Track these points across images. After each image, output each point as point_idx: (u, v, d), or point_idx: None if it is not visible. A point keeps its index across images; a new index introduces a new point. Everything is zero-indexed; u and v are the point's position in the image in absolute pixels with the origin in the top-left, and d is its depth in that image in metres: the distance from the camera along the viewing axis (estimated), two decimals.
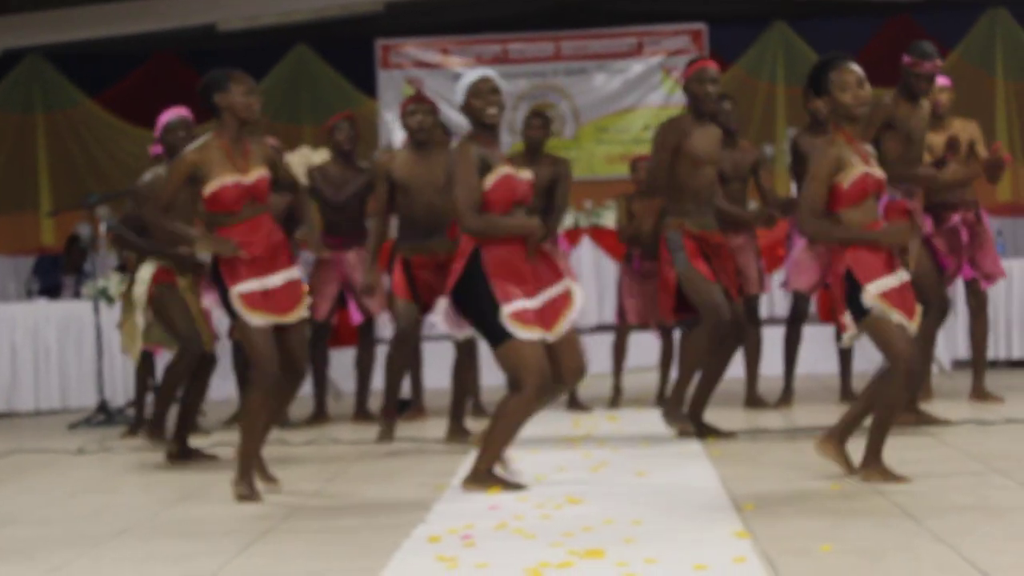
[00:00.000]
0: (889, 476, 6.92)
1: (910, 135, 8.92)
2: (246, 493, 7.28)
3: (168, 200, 7.55)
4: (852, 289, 6.97)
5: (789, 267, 10.67)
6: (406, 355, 9.34)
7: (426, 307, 9.27)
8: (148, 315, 9.15)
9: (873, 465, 6.99)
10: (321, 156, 10.40)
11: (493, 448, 7.25)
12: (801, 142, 10.34)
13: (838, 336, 7.75)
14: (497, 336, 7.08)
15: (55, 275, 14.51)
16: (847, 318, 7.04)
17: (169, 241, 8.77)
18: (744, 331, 9.26)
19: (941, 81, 10.04)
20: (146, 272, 9.10)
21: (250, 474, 7.35)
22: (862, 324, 6.99)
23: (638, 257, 11.01)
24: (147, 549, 6.17)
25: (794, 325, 10.78)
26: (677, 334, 10.88)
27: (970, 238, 9.92)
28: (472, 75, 7.35)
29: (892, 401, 7.00)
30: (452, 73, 16.92)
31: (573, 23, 17.19)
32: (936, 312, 9.29)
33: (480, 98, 7.28)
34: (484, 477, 7.22)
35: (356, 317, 10.84)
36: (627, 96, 16.69)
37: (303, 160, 10.50)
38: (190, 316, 8.98)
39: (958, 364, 12.80)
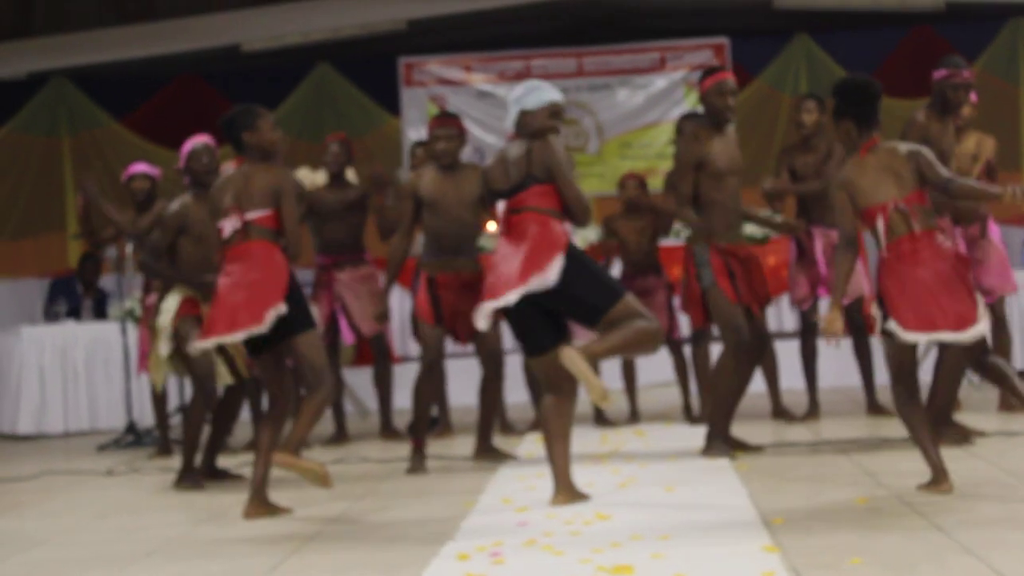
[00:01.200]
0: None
1: (943, 153, 8.86)
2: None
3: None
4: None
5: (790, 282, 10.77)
6: (435, 383, 9.27)
7: (450, 330, 9.24)
8: (171, 345, 9.15)
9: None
10: (321, 177, 10.47)
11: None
12: (782, 156, 10.71)
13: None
14: None
15: (74, 296, 14.55)
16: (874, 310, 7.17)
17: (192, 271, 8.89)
18: (767, 344, 9.23)
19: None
20: (172, 303, 9.10)
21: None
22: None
23: (630, 276, 10.96)
24: (176, 570, 6.19)
25: (805, 339, 10.80)
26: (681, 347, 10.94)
27: (970, 252, 9.86)
28: (549, 94, 7.63)
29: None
30: (475, 90, 16.95)
31: (595, 39, 17.20)
32: None
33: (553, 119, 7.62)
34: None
35: (348, 337, 10.84)
36: (650, 111, 16.68)
37: (306, 180, 10.57)
38: (209, 355, 8.95)
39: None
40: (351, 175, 10.89)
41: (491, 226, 13.49)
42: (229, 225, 7.66)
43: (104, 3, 14.47)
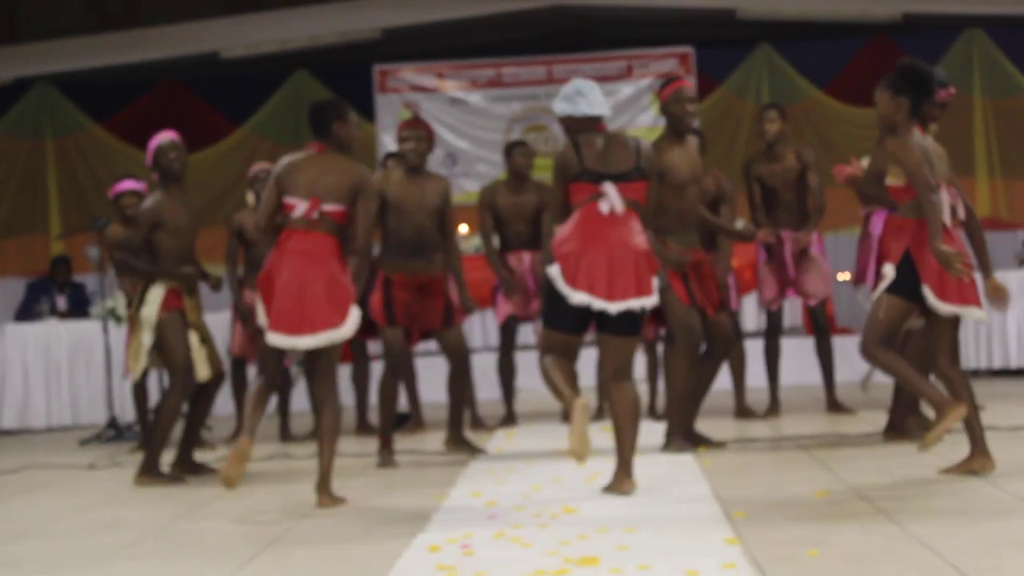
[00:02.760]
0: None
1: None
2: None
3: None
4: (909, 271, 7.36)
5: (758, 284, 10.80)
6: (396, 383, 9.23)
7: (405, 330, 9.22)
8: (153, 337, 9.08)
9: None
10: None
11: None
12: (749, 166, 10.78)
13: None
14: None
15: (50, 296, 14.55)
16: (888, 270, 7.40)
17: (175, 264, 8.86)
18: (731, 343, 9.23)
19: None
20: (156, 294, 9.01)
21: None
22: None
23: None
24: (156, 562, 6.17)
25: (770, 338, 10.84)
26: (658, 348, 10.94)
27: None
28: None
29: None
30: (448, 96, 16.95)
31: (565, 47, 17.24)
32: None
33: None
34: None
35: None
36: (618, 118, 16.69)
37: None
38: (188, 349, 8.91)
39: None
40: None
41: (463, 228, 13.52)
42: (301, 208, 7.51)
43: (88, 11, 14.43)
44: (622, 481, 7.30)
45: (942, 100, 8.87)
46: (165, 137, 9.08)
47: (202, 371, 8.96)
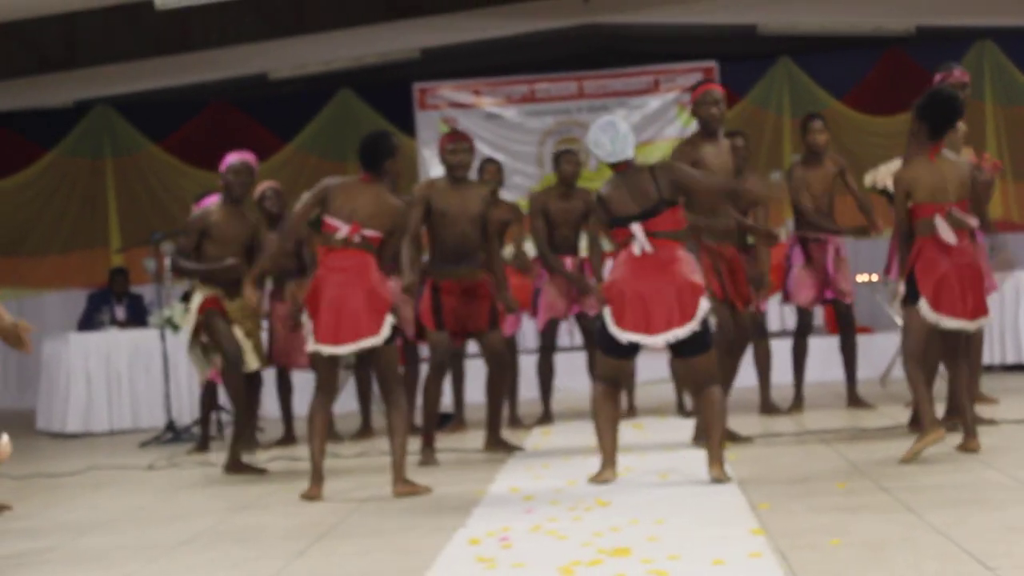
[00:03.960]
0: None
1: None
2: None
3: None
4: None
5: (790, 284, 10.70)
6: (441, 384, 9.22)
7: (452, 332, 9.23)
8: (198, 339, 9.14)
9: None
10: None
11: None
12: (796, 170, 10.57)
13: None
14: None
15: (110, 306, 14.62)
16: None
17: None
18: (749, 338, 9.20)
19: None
20: (195, 301, 9.12)
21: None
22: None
23: None
24: (212, 555, 6.20)
25: (801, 338, 10.80)
26: None
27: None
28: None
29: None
30: (484, 112, 16.97)
31: (594, 64, 17.23)
32: None
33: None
34: None
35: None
36: (646, 130, 16.67)
37: None
38: (234, 337, 8.97)
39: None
40: None
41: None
42: (343, 231, 7.71)
43: (143, 37, 14.49)
44: (714, 467, 7.42)
45: (958, 80, 8.81)
46: (237, 158, 9.14)
47: (251, 361, 9.00)
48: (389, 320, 7.65)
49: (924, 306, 7.68)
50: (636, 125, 16.73)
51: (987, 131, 16.45)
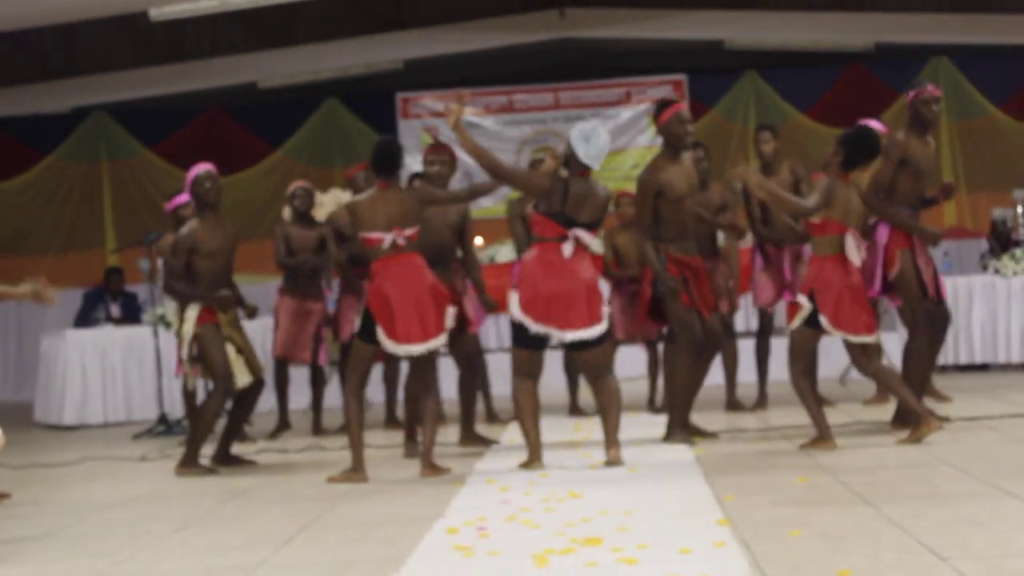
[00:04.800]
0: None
1: (919, 170, 8.81)
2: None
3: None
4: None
5: (751, 286, 10.73)
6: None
7: None
8: (192, 350, 9.06)
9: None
10: (347, 196, 10.44)
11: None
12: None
13: None
14: None
15: (104, 304, 14.57)
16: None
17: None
18: (720, 343, 9.22)
19: (874, 123, 10.22)
20: (192, 313, 9.01)
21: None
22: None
23: (625, 281, 10.94)
24: (202, 542, 6.19)
25: (762, 338, 10.82)
26: (658, 346, 10.92)
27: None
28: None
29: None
30: (464, 121, 16.91)
31: (570, 76, 17.27)
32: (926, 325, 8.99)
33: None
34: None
35: None
36: (618, 139, 16.70)
37: (334, 199, 10.56)
38: (227, 357, 8.91)
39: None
40: None
41: (478, 240, 13.50)
42: (388, 239, 7.97)
43: (138, 47, 14.47)
44: (611, 450, 7.87)
45: (931, 94, 8.83)
46: (202, 168, 9.06)
47: (241, 378, 8.95)
48: (451, 313, 8.10)
49: (825, 324, 8.08)
50: (609, 134, 16.75)
51: (942, 143, 16.50)
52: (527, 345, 7.90)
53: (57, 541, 6.51)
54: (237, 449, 9.52)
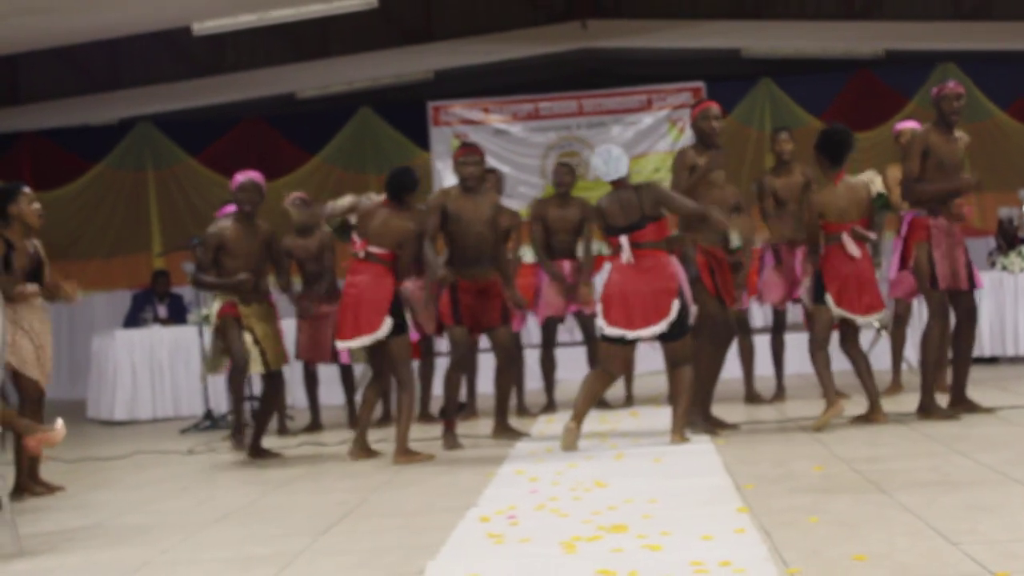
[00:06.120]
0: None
1: (942, 162, 8.74)
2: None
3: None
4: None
5: (760, 285, 10.69)
6: (461, 375, 9.19)
7: (468, 328, 9.15)
8: (216, 340, 9.22)
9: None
10: (377, 198, 10.43)
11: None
12: (765, 179, 10.63)
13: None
14: None
15: (152, 305, 14.62)
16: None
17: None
18: (734, 333, 9.20)
19: (910, 124, 10.18)
20: (215, 307, 9.20)
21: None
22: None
23: None
24: (244, 532, 6.20)
25: (776, 334, 10.79)
26: None
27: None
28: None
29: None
30: (492, 128, 16.97)
31: (592, 84, 17.24)
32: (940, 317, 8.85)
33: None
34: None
35: (412, 335, 10.79)
36: (639, 144, 16.68)
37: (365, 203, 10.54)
38: (243, 342, 9.01)
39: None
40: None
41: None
42: (361, 248, 8.55)
43: (181, 60, 14.50)
44: (673, 435, 8.27)
45: (952, 91, 8.79)
46: (246, 177, 9.10)
47: (256, 366, 9.04)
48: (388, 321, 8.42)
49: (829, 301, 8.63)
50: (630, 140, 16.75)
51: None
52: (613, 344, 8.29)
53: (106, 531, 6.53)
54: (279, 444, 9.54)
